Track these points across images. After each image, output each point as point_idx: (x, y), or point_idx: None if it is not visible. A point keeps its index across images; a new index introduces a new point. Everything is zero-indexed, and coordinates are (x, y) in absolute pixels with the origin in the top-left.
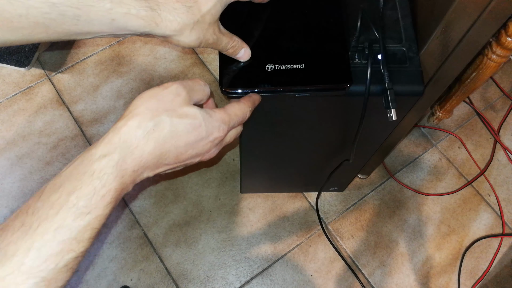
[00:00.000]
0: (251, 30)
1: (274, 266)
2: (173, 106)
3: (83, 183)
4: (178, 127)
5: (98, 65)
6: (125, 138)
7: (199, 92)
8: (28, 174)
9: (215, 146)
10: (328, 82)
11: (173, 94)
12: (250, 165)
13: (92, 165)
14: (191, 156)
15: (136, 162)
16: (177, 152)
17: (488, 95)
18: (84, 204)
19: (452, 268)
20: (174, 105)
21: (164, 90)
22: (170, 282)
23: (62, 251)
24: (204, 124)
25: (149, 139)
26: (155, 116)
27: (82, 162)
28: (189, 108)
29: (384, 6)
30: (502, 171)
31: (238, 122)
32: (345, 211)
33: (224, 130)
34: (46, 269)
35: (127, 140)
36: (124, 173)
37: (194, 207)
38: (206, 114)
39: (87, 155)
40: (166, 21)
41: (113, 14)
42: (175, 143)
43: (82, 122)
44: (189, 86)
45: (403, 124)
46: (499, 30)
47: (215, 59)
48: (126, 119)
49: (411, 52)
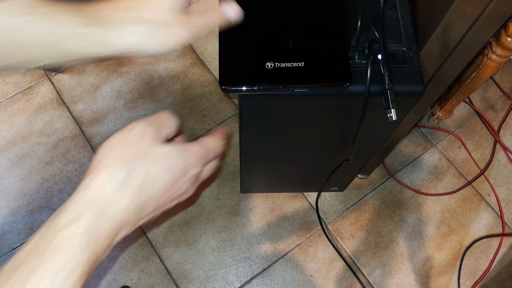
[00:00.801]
0: (251, 28)
1: (274, 266)
2: (143, 149)
3: (44, 261)
4: (152, 172)
5: (98, 65)
6: (95, 197)
7: (166, 126)
8: (28, 174)
9: (192, 184)
10: (327, 80)
11: (140, 136)
12: (250, 165)
13: (55, 236)
14: (170, 200)
15: (111, 221)
16: (156, 199)
17: (488, 95)
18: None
19: (452, 268)
20: (143, 147)
21: (129, 132)
22: (170, 282)
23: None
24: (180, 162)
25: (123, 192)
26: (125, 165)
27: (45, 234)
28: (160, 147)
29: (384, 6)
30: (502, 171)
31: (214, 155)
32: (345, 211)
33: (201, 165)
34: None
35: (98, 198)
36: (97, 239)
37: (194, 207)
38: (179, 151)
39: (51, 225)
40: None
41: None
42: (152, 190)
43: (82, 122)
44: (156, 122)
45: (403, 124)
46: (499, 30)
47: (215, 59)
48: (94, 174)
49: (411, 52)
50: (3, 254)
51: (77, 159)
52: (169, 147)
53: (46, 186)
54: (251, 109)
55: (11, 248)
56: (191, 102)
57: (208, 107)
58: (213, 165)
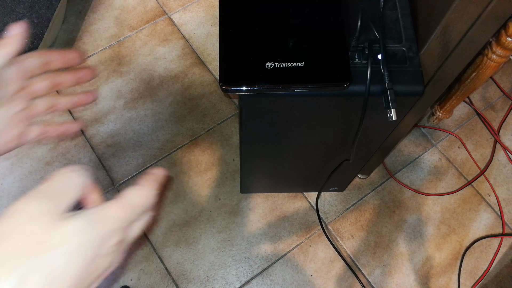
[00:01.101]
0: (251, 28)
1: (274, 266)
2: (38, 237)
3: None
4: (56, 265)
5: (98, 65)
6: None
7: (69, 191)
8: (28, 174)
9: (117, 254)
10: (327, 80)
11: (30, 219)
12: (250, 165)
13: None
14: (93, 281)
15: None
16: (82, 281)
17: (488, 95)
18: None
19: (452, 268)
20: (38, 234)
21: (12, 219)
22: (170, 282)
23: None
24: (92, 238)
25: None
26: (16, 266)
27: None
28: (62, 227)
29: (384, 6)
30: (502, 171)
31: (139, 212)
32: (345, 211)
33: (121, 230)
34: None
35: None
36: None
37: (194, 207)
38: (89, 223)
39: None
40: None
41: None
42: (63, 285)
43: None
44: (49, 193)
45: (403, 124)
46: (499, 30)
47: (215, 59)
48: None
49: (411, 52)
50: None
51: (77, 159)
52: (74, 223)
53: None
54: (251, 109)
55: None
56: (191, 102)
57: (208, 107)
58: (141, 221)
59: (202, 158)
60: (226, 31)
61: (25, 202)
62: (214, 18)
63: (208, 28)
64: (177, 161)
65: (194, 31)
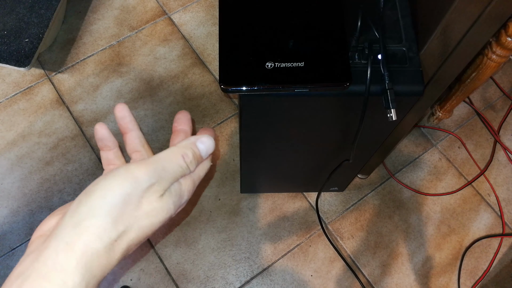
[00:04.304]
0: (251, 28)
1: (274, 266)
2: (141, 208)
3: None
4: (144, 229)
5: (98, 65)
6: (89, 258)
7: (172, 178)
8: (28, 174)
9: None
10: (327, 80)
11: (143, 193)
12: (250, 165)
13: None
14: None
15: (100, 279)
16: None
17: (488, 95)
18: None
19: (452, 268)
20: (142, 206)
21: (134, 185)
22: (170, 282)
23: None
24: (173, 208)
25: (112, 253)
26: (121, 224)
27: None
28: (158, 203)
29: (384, 6)
30: (502, 171)
31: (205, 168)
32: (345, 211)
33: (191, 194)
34: None
35: (85, 261)
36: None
37: (194, 207)
38: (176, 202)
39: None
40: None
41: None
42: (141, 240)
43: (82, 122)
44: (162, 174)
45: (403, 124)
46: (499, 30)
47: (215, 59)
48: (88, 226)
49: (411, 52)
50: (3, 254)
51: (77, 159)
52: (169, 200)
53: (46, 186)
54: (251, 109)
55: (11, 248)
56: (191, 102)
57: (208, 107)
58: (205, 165)
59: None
60: (226, 31)
61: (145, 175)
62: (214, 18)
63: (208, 28)
64: None
65: (194, 31)
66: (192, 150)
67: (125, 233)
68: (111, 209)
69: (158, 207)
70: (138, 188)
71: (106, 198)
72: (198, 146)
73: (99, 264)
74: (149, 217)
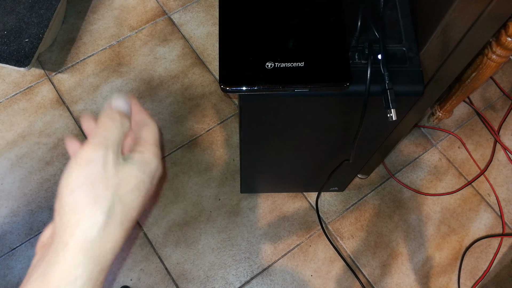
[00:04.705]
0: (251, 28)
1: (274, 266)
2: (111, 180)
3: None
4: (128, 199)
5: (98, 65)
6: (87, 249)
7: (119, 139)
8: (28, 174)
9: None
10: (327, 80)
11: (102, 166)
12: (250, 165)
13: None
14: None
15: (103, 264)
16: (138, 213)
17: (488, 95)
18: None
19: (452, 268)
20: (110, 178)
21: (89, 166)
22: (170, 282)
23: None
24: (147, 172)
25: (109, 234)
26: (102, 206)
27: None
28: (125, 169)
29: (384, 6)
30: (502, 171)
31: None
32: (345, 211)
33: (159, 159)
34: None
35: (87, 250)
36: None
37: (194, 207)
38: (143, 164)
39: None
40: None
41: None
42: (133, 213)
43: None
44: (109, 140)
45: (403, 124)
46: (499, 30)
47: (215, 59)
48: (76, 220)
49: (411, 52)
50: (3, 254)
51: None
52: (132, 165)
53: (46, 186)
54: (251, 109)
55: (11, 248)
56: (191, 102)
57: (208, 107)
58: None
59: (202, 158)
60: (226, 31)
61: (96, 151)
62: (214, 18)
63: (208, 28)
64: (177, 161)
65: (194, 31)
66: (111, 111)
67: (110, 209)
68: (84, 198)
69: (124, 175)
70: (95, 166)
71: (75, 191)
72: (113, 105)
73: (99, 250)
74: (121, 186)
